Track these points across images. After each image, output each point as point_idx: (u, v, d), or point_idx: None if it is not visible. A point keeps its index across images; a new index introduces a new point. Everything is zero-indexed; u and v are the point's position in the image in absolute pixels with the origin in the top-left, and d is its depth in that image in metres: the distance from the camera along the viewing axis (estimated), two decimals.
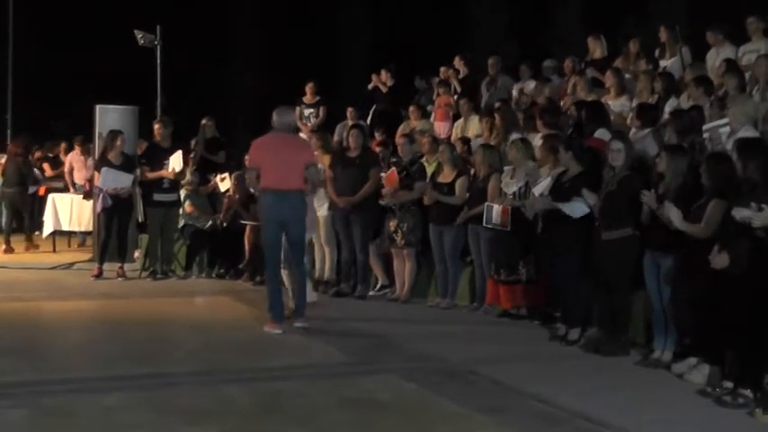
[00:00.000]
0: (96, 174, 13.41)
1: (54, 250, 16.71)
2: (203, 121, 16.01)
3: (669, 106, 10.65)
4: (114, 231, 13.30)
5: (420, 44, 23.74)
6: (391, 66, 17.23)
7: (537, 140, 11.15)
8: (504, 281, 10.48)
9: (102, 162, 13.34)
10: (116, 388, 7.10)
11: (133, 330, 9.61)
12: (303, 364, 8.24)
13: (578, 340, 8.96)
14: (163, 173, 13.36)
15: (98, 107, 15.03)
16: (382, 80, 16.96)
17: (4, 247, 16.66)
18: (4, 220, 17.17)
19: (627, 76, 12.57)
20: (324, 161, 12.45)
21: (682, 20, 14.62)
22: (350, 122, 15.73)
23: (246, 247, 13.48)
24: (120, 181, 13.12)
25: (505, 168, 10.70)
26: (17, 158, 17.15)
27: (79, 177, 17.25)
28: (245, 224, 13.41)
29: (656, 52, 13.10)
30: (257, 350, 8.78)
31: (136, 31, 16.66)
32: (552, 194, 9.25)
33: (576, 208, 8.87)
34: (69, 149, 18.32)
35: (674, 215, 7.61)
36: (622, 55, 13.55)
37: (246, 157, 11.27)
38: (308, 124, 16.43)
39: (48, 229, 16.64)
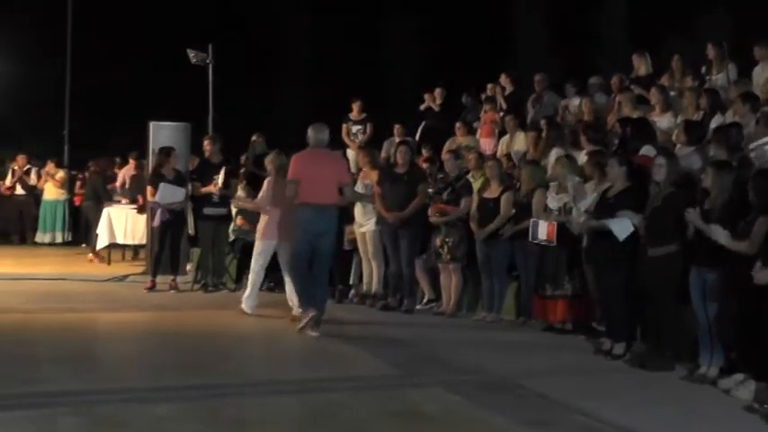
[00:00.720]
0: (150, 188, 13.49)
1: (108, 263, 16.85)
2: (253, 138, 16.10)
3: (715, 123, 10.53)
4: (167, 245, 13.38)
5: (466, 61, 23.70)
6: (441, 83, 17.23)
7: (581, 157, 11.08)
8: (549, 296, 10.41)
9: (156, 177, 13.44)
10: (167, 398, 7.12)
11: (184, 342, 9.65)
12: (350, 377, 8.21)
13: (624, 355, 8.87)
14: (210, 188, 13.44)
15: (152, 124, 15.15)
16: (434, 98, 16.92)
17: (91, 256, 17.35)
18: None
19: (672, 93, 12.45)
20: (371, 177, 12.46)
21: (727, 35, 14.45)
22: (397, 139, 15.72)
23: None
24: (176, 195, 13.22)
25: (551, 184, 10.64)
26: (94, 176, 18.70)
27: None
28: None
29: (703, 69, 12.98)
30: (305, 362, 8.80)
31: (188, 50, 16.81)
32: (597, 210, 9.18)
33: (623, 228, 8.75)
34: (123, 164, 18.52)
35: (719, 235, 7.52)
36: (667, 72, 13.43)
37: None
38: (356, 141, 16.44)
39: (102, 242, 16.80)
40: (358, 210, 12.44)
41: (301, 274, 10.23)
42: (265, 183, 11.54)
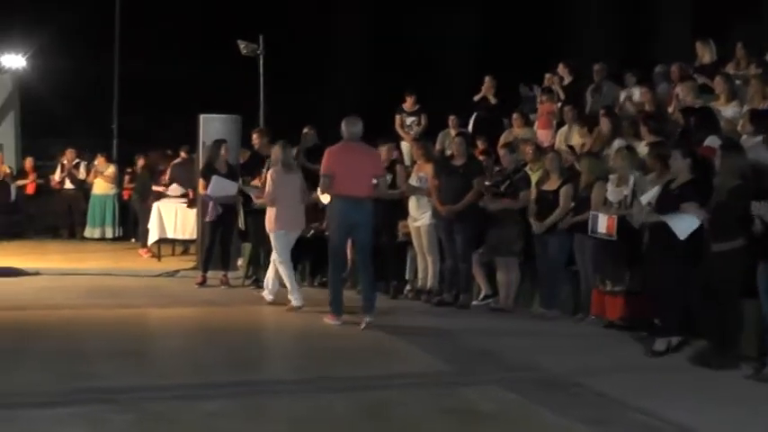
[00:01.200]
0: (202, 182, 13.61)
1: (159, 258, 17.05)
2: (305, 130, 16.14)
3: None
4: (218, 240, 13.49)
5: (523, 51, 23.60)
6: (494, 74, 17.15)
7: (641, 148, 11.00)
8: (609, 291, 10.36)
9: (208, 171, 13.56)
10: (218, 395, 7.20)
11: (234, 338, 9.75)
12: (404, 373, 8.24)
13: (665, 352, 8.84)
14: (259, 182, 13.49)
15: (202, 117, 15.28)
16: (490, 89, 16.80)
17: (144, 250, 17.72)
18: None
19: (737, 81, 12.31)
20: (426, 170, 12.47)
21: None
22: (452, 131, 15.71)
23: (349, 255, 13.54)
24: (228, 189, 13.32)
25: (610, 177, 10.57)
26: (143, 171, 19.08)
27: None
28: None
29: None
30: (357, 358, 8.83)
31: (239, 41, 16.93)
32: (660, 203, 9.10)
33: (685, 226, 8.67)
34: (174, 158, 18.67)
35: None
36: (732, 59, 13.28)
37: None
38: (411, 132, 16.44)
39: (153, 237, 16.99)
40: (412, 203, 12.47)
41: (337, 272, 10.74)
42: (268, 176, 11.80)
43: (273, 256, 11.81)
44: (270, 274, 11.97)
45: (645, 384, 7.82)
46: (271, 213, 11.64)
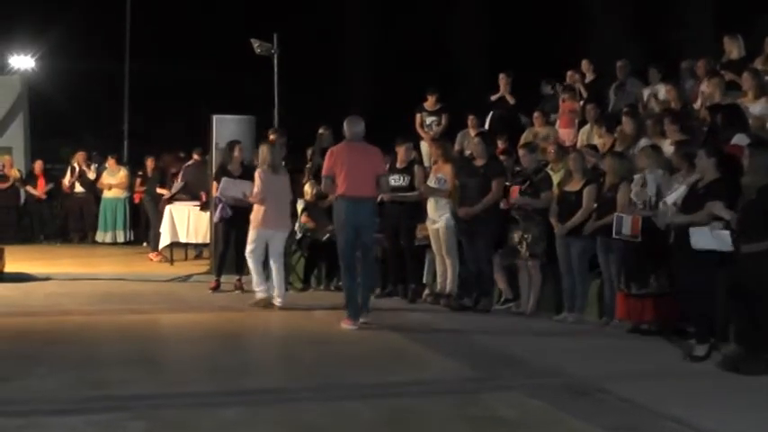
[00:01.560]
0: (215, 184, 13.65)
1: (171, 262, 17.07)
2: (320, 131, 16.12)
3: None
4: (232, 243, 13.49)
5: (543, 47, 23.57)
6: (510, 71, 17.05)
7: (667, 147, 10.96)
8: (634, 294, 10.30)
9: (220, 172, 13.58)
10: (233, 402, 7.19)
11: (250, 344, 9.77)
12: (425, 380, 8.22)
13: (705, 357, 8.78)
14: None
15: (215, 117, 15.31)
16: (507, 87, 16.70)
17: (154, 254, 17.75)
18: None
19: (766, 77, 12.24)
20: (445, 170, 12.46)
21: None
22: (471, 131, 15.67)
23: None
24: (239, 190, 13.32)
25: (635, 177, 10.52)
26: (154, 173, 19.14)
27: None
28: None
29: None
30: (377, 364, 8.82)
31: (252, 40, 16.92)
32: (686, 203, 9.07)
33: (702, 240, 8.64)
34: (186, 160, 18.70)
35: None
36: (760, 55, 13.19)
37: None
38: (430, 132, 16.41)
39: (165, 240, 17.01)
40: (431, 205, 12.45)
41: (350, 272, 10.82)
42: (257, 176, 12.14)
43: (247, 249, 12.22)
44: (274, 276, 12.11)
45: (672, 390, 7.77)
46: (258, 212, 12.07)
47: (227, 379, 8.12)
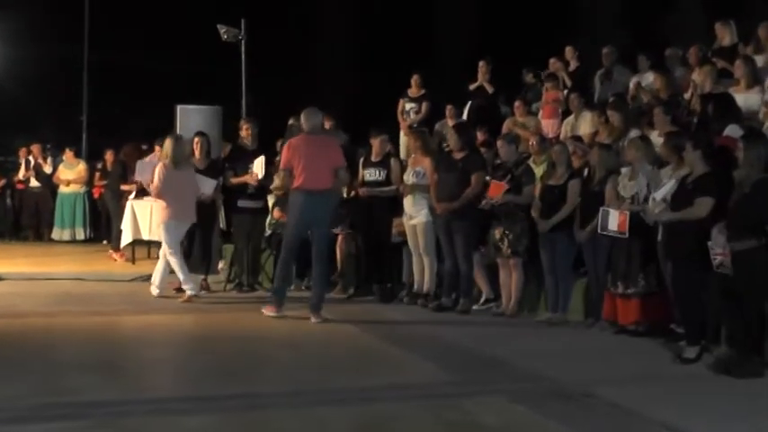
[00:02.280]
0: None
1: (133, 261, 17.00)
2: (290, 121, 16.07)
3: None
4: (196, 241, 13.46)
5: (525, 33, 23.60)
6: (488, 58, 17.04)
7: (656, 138, 11.00)
8: (621, 294, 10.36)
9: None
10: (200, 409, 7.18)
11: (218, 347, 9.72)
12: (401, 384, 8.22)
13: (696, 359, 8.83)
14: (246, 178, 13.44)
15: (179, 107, 15.28)
16: (486, 75, 16.69)
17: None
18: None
19: (759, 65, 12.31)
20: (423, 163, 12.46)
21: None
22: (449, 121, 15.68)
23: (338, 256, 13.57)
24: (204, 186, 13.30)
25: (623, 170, 10.57)
26: (114, 167, 18.96)
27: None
28: (337, 233, 13.49)
29: None
30: (352, 368, 8.81)
31: (219, 26, 16.88)
32: (675, 199, 9.11)
33: None
34: (149, 152, 18.61)
35: None
36: (752, 42, 13.27)
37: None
38: (408, 120, 16.39)
39: (126, 238, 16.91)
40: (407, 200, 12.46)
41: (287, 265, 11.65)
42: (158, 170, 12.70)
43: (163, 247, 12.77)
44: (159, 267, 12.93)
45: (662, 394, 7.82)
46: (161, 205, 12.77)
47: (193, 384, 8.12)
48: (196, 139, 13.57)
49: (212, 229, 13.81)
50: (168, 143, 12.82)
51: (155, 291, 12.92)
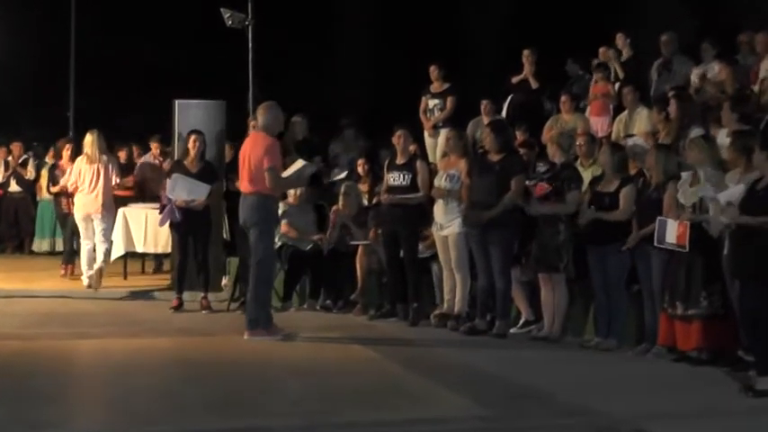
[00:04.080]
0: (168, 181, 13.66)
1: (125, 276, 17.02)
2: (293, 119, 16.06)
3: None
4: (191, 253, 13.48)
5: (569, 18, 23.54)
6: (534, 47, 17.00)
7: (723, 138, 10.94)
8: (681, 316, 10.30)
9: (175, 168, 13.60)
10: None
11: (220, 374, 9.73)
12: (429, 418, 8.20)
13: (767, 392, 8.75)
14: None
15: (177, 102, 15.31)
16: (531, 67, 16.62)
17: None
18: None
19: None
20: (459, 166, 12.44)
21: None
22: (485, 118, 15.66)
23: (358, 272, 13.56)
24: (195, 192, 13.33)
25: (683, 174, 10.50)
26: None
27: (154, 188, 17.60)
28: (357, 245, 13.48)
29: None
30: (372, 400, 8.78)
31: (222, 10, 16.89)
32: (744, 206, 9.04)
33: None
34: (144, 152, 18.64)
35: None
36: None
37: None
38: (431, 119, 16.38)
39: (118, 250, 16.93)
40: (438, 208, 12.45)
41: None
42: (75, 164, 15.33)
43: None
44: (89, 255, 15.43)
45: (728, 431, 7.77)
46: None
47: (192, 416, 8.11)
48: (192, 138, 13.61)
49: (206, 240, 13.81)
50: (90, 139, 15.58)
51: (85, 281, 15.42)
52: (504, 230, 11.83)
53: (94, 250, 15.56)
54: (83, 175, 15.38)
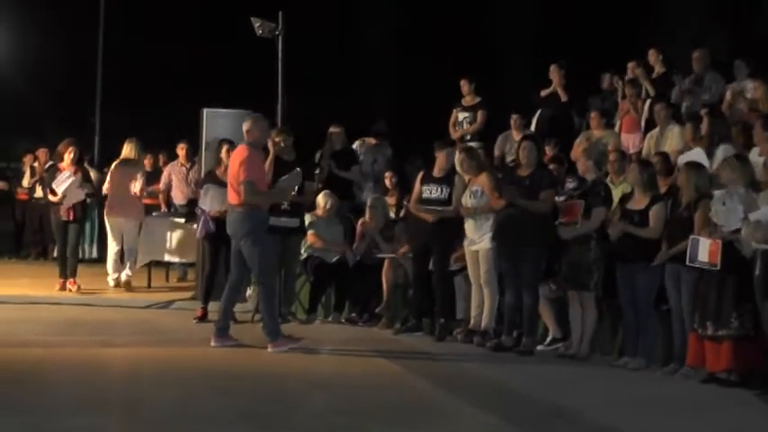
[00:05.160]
0: (201, 192, 13.67)
1: (149, 285, 17.04)
2: (331, 129, 16.11)
3: None
4: (221, 263, 13.47)
5: (602, 33, 23.50)
6: (564, 62, 16.95)
7: (755, 156, 10.88)
8: (711, 336, 10.24)
9: (207, 178, 13.59)
10: None
11: (243, 386, 9.72)
12: None
13: None
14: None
15: (205, 111, 15.35)
16: (560, 81, 16.55)
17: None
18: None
19: None
20: (481, 182, 12.38)
21: None
22: (514, 133, 15.63)
23: (384, 286, 13.53)
24: (217, 201, 13.30)
25: (716, 193, 10.43)
26: None
27: (179, 195, 17.60)
28: (383, 258, 13.45)
29: None
30: (397, 415, 8.75)
31: (253, 19, 16.87)
32: None
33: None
34: (170, 160, 18.63)
35: None
36: None
37: None
38: (459, 131, 16.33)
39: (142, 259, 16.96)
40: (468, 224, 12.41)
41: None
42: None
43: None
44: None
45: None
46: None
47: (214, 429, 8.09)
48: (225, 147, 13.60)
49: None
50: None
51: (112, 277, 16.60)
52: (534, 247, 11.79)
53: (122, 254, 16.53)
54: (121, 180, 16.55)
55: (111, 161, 21.02)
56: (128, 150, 16.84)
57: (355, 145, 17.02)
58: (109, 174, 17.13)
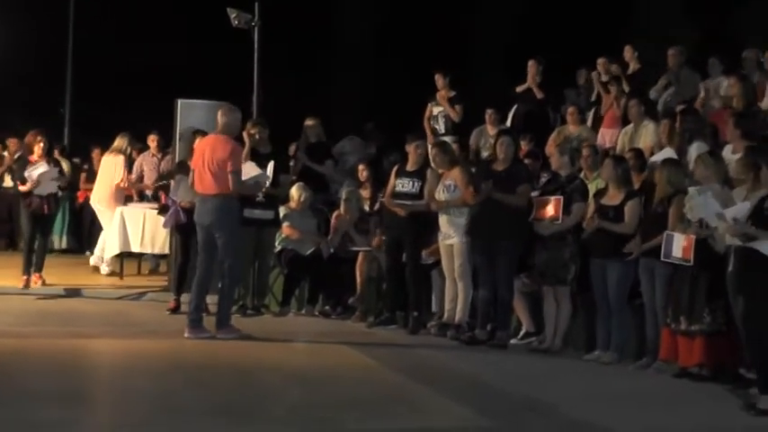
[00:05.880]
0: (172, 183, 13.69)
1: (121, 276, 17.01)
2: (307, 122, 16.11)
3: None
4: (193, 254, 13.48)
5: (578, 30, 23.58)
6: (540, 57, 17.00)
7: (729, 154, 10.97)
8: (683, 331, 10.31)
9: (180, 169, 13.61)
10: None
11: (217, 379, 9.73)
12: (429, 428, 8.23)
13: None
14: None
15: (180, 102, 15.28)
16: (535, 77, 16.60)
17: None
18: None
19: None
20: (454, 176, 12.43)
21: None
22: (489, 128, 15.67)
23: (358, 279, 13.58)
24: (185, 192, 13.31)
25: (690, 189, 10.52)
26: None
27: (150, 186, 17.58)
28: (357, 251, 13.50)
29: None
30: (372, 409, 8.80)
31: (229, 10, 16.87)
32: (751, 223, 9.06)
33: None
34: (141, 151, 18.58)
35: None
36: None
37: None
38: (436, 127, 16.37)
39: (113, 249, 16.91)
40: (443, 218, 12.45)
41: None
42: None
43: None
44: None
45: None
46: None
47: (187, 421, 8.12)
48: (198, 138, 13.58)
49: None
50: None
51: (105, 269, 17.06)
52: (510, 241, 11.85)
53: None
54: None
55: (83, 152, 21.13)
56: (118, 142, 17.56)
57: (343, 142, 17.10)
58: (99, 165, 17.96)
